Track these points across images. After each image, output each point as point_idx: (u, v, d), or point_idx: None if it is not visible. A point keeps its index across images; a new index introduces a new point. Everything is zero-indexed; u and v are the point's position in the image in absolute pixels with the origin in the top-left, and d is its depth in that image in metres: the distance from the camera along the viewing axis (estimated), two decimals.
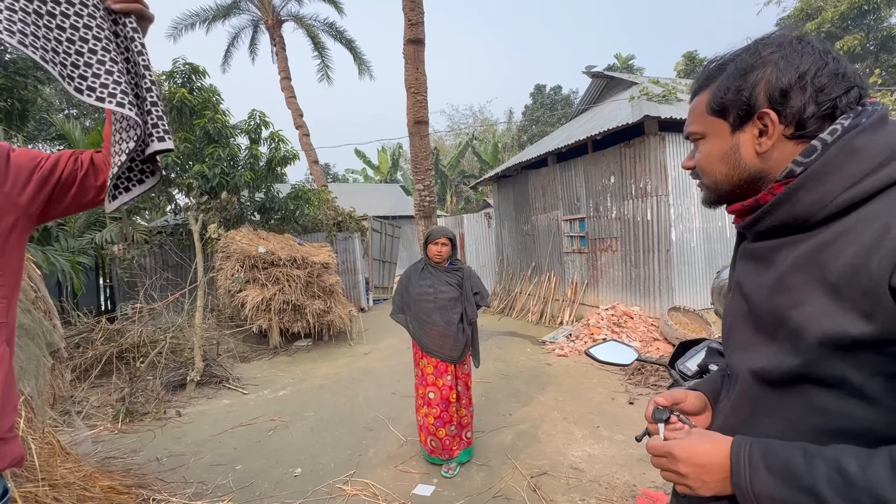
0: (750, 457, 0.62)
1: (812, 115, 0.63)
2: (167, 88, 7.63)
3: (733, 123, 0.69)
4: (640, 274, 6.14)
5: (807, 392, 0.62)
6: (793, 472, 0.57)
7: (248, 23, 15.25)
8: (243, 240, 6.72)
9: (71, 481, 2.03)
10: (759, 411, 0.68)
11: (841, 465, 0.53)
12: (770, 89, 0.64)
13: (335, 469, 2.99)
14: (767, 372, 0.66)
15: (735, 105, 0.68)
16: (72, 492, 1.99)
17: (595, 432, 3.35)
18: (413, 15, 7.40)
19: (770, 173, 0.68)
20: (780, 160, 0.66)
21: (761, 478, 0.60)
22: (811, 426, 0.62)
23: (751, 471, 0.61)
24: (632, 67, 26.23)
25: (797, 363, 0.62)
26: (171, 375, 4.81)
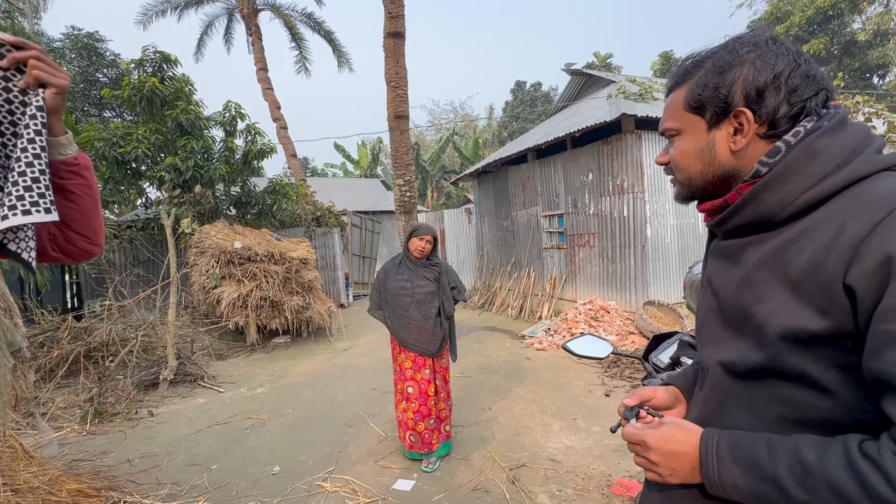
0: (718, 448, 0.64)
1: (784, 115, 0.64)
2: (136, 77, 7.33)
3: (710, 120, 0.70)
4: (616, 269, 6.27)
5: (771, 384, 0.65)
6: (757, 463, 0.60)
7: (222, 11, 14.80)
8: (218, 235, 6.55)
9: (35, 486, 1.95)
10: (728, 402, 0.71)
11: (800, 455, 0.56)
12: (747, 88, 0.65)
13: (314, 466, 2.96)
14: (735, 365, 0.69)
15: (712, 102, 0.69)
16: (36, 496, 1.92)
17: (572, 424, 3.41)
18: (393, 7, 7.32)
19: (742, 171, 0.70)
20: (753, 158, 0.68)
21: (728, 469, 0.62)
22: (776, 416, 0.64)
23: (718, 462, 0.63)
24: (610, 66, 26.61)
25: (762, 357, 0.64)
26: (142, 374, 4.66)
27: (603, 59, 26.94)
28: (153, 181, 7.65)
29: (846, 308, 0.55)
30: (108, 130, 7.48)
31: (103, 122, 11.74)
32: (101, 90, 9.88)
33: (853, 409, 0.58)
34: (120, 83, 8.25)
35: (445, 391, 3.02)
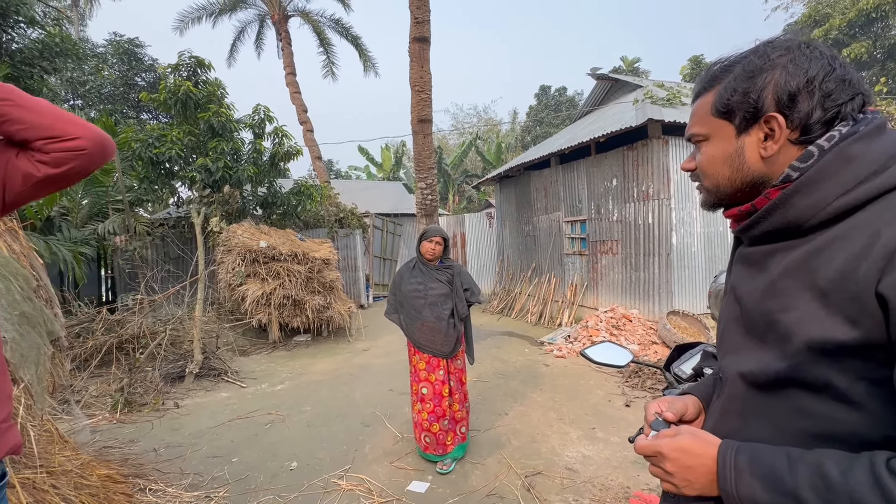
0: (736, 461, 0.62)
1: (818, 120, 0.63)
2: (172, 81, 7.64)
3: (739, 126, 0.69)
4: (640, 277, 6.14)
5: (793, 396, 0.63)
6: (777, 477, 0.58)
7: (254, 17, 15.27)
8: (245, 234, 6.74)
9: (69, 469, 2.05)
10: (747, 414, 0.69)
11: (823, 471, 0.54)
12: (778, 92, 0.64)
13: (331, 464, 3.00)
14: (755, 375, 0.67)
15: (742, 107, 0.67)
16: (69, 479, 2.01)
17: (590, 433, 3.36)
18: (419, 13, 7.40)
19: (772, 177, 0.68)
20: (784, 164, 0.66)
21: (746, 482, 0.60)
22: (797, 429, 0.62)
23: (736, 475, 0.62)
24: (637, 70, 26.18)
25: (784, 367, 0.62)
26: (170, 367, 4.83)
27: (630, 63, 26.54)
28: (185, 181, 7.94)
29: (878, 318, 0.53)
30: (144, 132, 7.82)
31: (140, 124, 12.25)
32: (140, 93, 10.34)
33: (881, 424, 0.55)
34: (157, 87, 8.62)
35: (461, 393, 3.02)
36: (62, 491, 1.91)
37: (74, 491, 1.99)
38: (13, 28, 6.71)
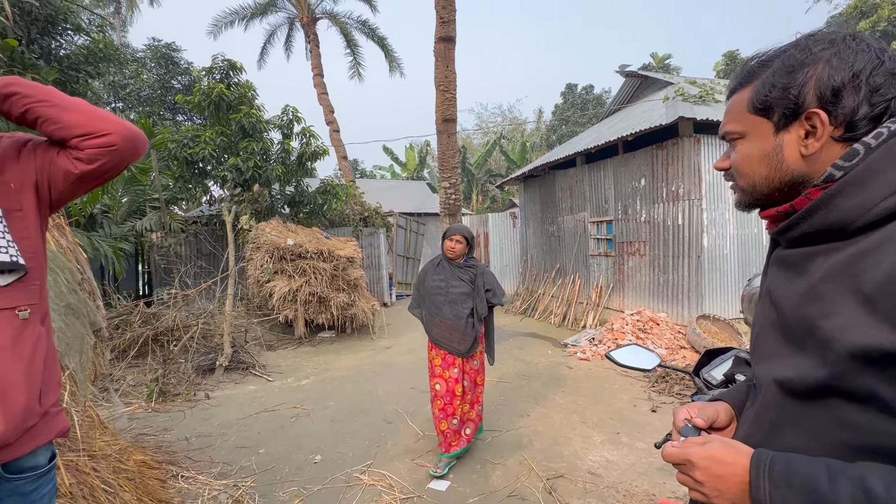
0: (770, 471, 0.60)
1: (864, 116, 0.60)
2: (206, 83, 7.91)
3: (777, 123, 0.66)
4: (668, 279, 5.98)
5: (834, 405, 0.60)
6: (815, 490, 0.55)
7: (284, 20, 15.63)
8: (273, 232, 6.92)
9: (108, 453, 2.15)
10: (782, 423, 0.67)
11: (866, 485, 0.52)
12: (821, 88, 0.61)
13: (353, 458, 3.05)
14: (793, 383, 0.65)
15: (781, 103, 0.65)
16: (108, 463, 2.12)
17: (615, 438, 3.29)
18: (445, 13, 7.42)
19: (813, 176, 0.65)
20: (826, 163, 0.63)
21: (782, 494, 0.58)
22: (837, 441, 0.60)
23: (771, 486, 0.59)
24: (668, 67, 25.48)
25: (825, 375, 0.60)
26: (201, 359, 5.00)
27: (661, 60, 25.84)
28: (217, 180, 8.21)
29: None
30: (179, 133, 8.13)
31: (176, 126, 12.74)
32: (176, 96, 10.75)
33: None
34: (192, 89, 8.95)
35: (474, 394, 3.04)
36: (102, 474, 2.01)
37: (113, 474, 2.09)
38: (61, 35, 7.09)
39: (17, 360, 0.86)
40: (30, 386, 0.87)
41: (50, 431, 0.95)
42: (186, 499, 2.50)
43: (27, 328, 0.89)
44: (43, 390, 0.92)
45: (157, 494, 2.38)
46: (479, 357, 3.05)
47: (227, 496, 2.57)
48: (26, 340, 0.89)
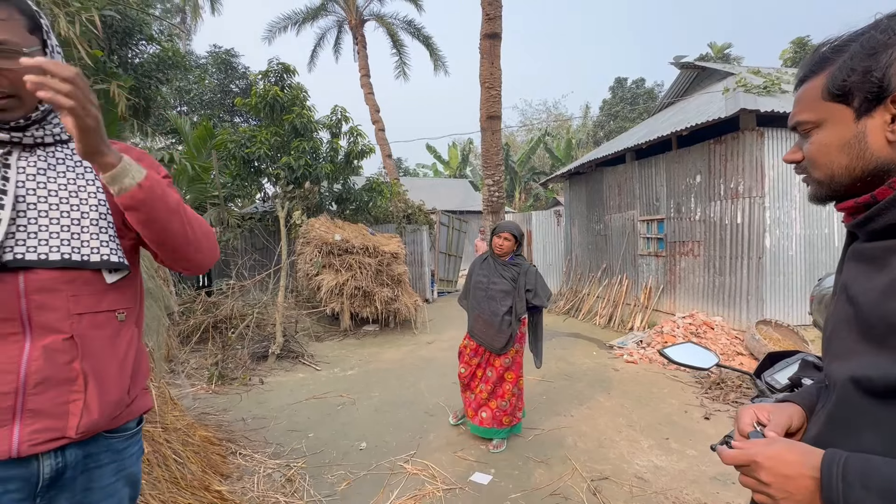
0: (845, 472, 0.57)
1: None
2: (262, 86, 8.34)
3: (859, 109, 0.63)
4: (724, 282, 5.65)
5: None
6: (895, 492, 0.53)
7: (333, 24, 16.16)
8: (321, 227, 7.19)
9: (178, 427, 2.35)
10: (858, 424, 0.63)
11: None
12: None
13: (397, 448, 3.13)
14: (872, 382, 0.61)
15: (862, 88, 0.62)
16: (178, 436, 2.31)
17: (664, 444, 3.17)
18: (491, 9, 7.39)
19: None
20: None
21: (857, 494, 0.55)
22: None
23: (845, 486, 0.57)
24: (728, 57, 23.95)
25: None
26: (255, 347, 5.31)
27: (719, 49, 24.34)
28: (271, 178, 8.64)
29: None
30: (237, 134, 8.62)
31: (233, 127, 13.51)
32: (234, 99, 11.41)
33: None
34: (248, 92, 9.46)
35: (496, 387, 3.07)
36: (173, 446, 2.20)
37: (182, 447, 2.28)
38: (136, 45, 7.71)
39: (112, 359, 0.96)
40: (121, 381, 0.98)
41: (136, 411, 1.06)
42: (244, 474, 2.68)
43: (123, 329, 0.99)
44: (131, 384, 1.02)
45: (219, 468, 2.56)
46: (511, 356, 3.06)
47: (281, 475, 2.72)
48: (122, 341, 0.99)
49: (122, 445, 1.04)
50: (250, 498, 2.45)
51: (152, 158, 1.07)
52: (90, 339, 0.92)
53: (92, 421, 0.91)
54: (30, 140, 0.89)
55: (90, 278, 0.93)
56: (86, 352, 0.91)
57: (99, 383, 0.93)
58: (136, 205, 0.86)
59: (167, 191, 0.91)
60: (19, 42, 0.82)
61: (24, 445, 0.85)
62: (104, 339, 0.95)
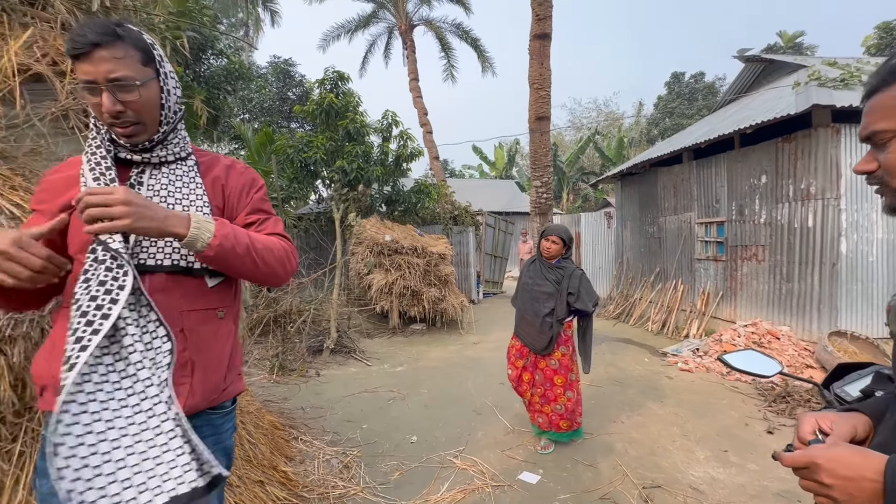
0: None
1: None
2: (318, 94, 8.78)
3: None
4: (792, 289, 5.29)
5: None
6: None
7: (383, 30, 16.64)
8: (372, 228, 7.46)
9: (250, 410, 2.58)
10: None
11: None
12: None
13: (446, 443, 3.23)
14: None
15: None
16: (250, 418, 2.53)
17: (722, 456, 3.05)
18: (541, 10, 7.34)
19: None
20: None
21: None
22: None
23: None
24: (800, 46, 22.15)
25: None
26: (311, 341, 5.62)
27: (790, 38, 22.54)
28: (325, 181, 9.07)
29: None
30: (294, 139, 9.12)
31: (290, 132, 14.27)
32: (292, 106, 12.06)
33: None
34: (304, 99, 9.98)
35: (547, 390, 3.08)
36: (247, 427, 2.42)
37: (254, 428, 2.50)
38: (207, 59, 8.38)
39: (214, 350, 1.11)
40: (219, 369, 1.13)
41: (231, 393, 1.22)
42: (305, 458, 2.88)
43: (222, 325, 1.15)
44: (228, 371, 1.18)
45: (284, 451, 2.78)
46: (558, 358, 3.06)
47: (338, 461, 2.90)
48: (221, 335, 1.14)
49: (220, 421, 1.20)
50: (311, 480, 2.63)
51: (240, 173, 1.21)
52: (196, 333, 1.08)
53: (195, 402, 1.07)
54: (157, 160, 1.06)
55: (195, 281, 1.08)
56: (193, 343, 1.07)
57: (202, 370, 1.08)
58: (208, 261, 1.01)
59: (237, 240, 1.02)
60: (135, 76, 0.97)
61: None
62: (207, 333, 1.10)
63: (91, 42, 0.91)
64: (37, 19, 1.81)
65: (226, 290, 1.16)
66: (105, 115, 0.95)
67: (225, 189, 1.18)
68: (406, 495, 2.57)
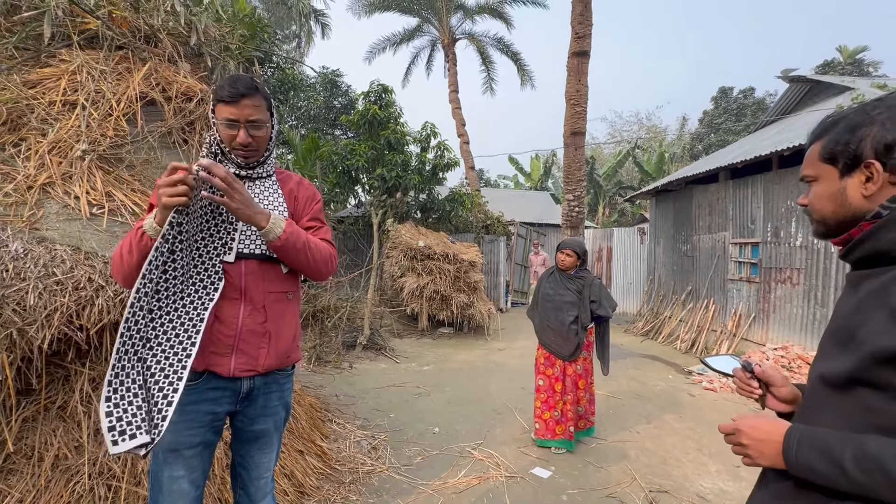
0: (800, 438, 0.81)
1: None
2: (363, 105, 9.30)
3: (842, 170, 0.86)
4: (827, 315, 5.18)
5: (861, 394, 0.78)
6: (829, 450, 0.76)
7: (427, 43, 17.21)
8: (407, 234, 7.83)
9: (294, 389, 2.92)
10: (819, 407, 0.85)
11: (864, 447, 0.71)
12: (876, 144, 0.81)
13: (466, 436, 3.47)
14: (830, 376, 0.83)
15: (843, 155, 0.85)
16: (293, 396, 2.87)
17: (734, 471, 3.12)
18: (581, 28, 7.53)
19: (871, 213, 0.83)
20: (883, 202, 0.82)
21: (805, 453, 0.79)
22: (861, 422, 0.78)
23: (797, 447, 0.80)
24: (861, 63, 21.04)
25: (855, 368, 0.78)
26: (346, 336, 6.00)
27: (851, 54, 21.43)
28: (365, 187, 9.54)
29: None
30: (338, 146, 9.67)
31: (335, 140, 15.00)
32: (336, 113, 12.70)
33: None
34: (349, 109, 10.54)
35: (575, 396, 3.25)
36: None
37: (296, 405, 2.84)
38: (265, 72, 9.09)
39: (283, 324, 1.43)
40: (288, 340, 1.45)
41: (293, 359, 1.53)
42: (338, 438, 3.20)
43: (290, 305, 1.47)
44: (292, 342, 1.50)
45: (321, 429, 3.10)
46: (582, 363, 3.26)
47: (367, 443, 3.20)
48: (289, 313, 1.47)
49: (284, 380, 1.53)
50: (343, 456, 2.94)
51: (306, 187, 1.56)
52: (273, 309, 1.40)
53: (270, 363, 1.40)
54: (255, 175, 1.40)
55: (275, 269, 1.41)
56: (270, 317, 1.40)
57: (276, 339, 1.41)
58: (276, 250, 1.31)
59: (297, 238, 1.32)
60: (264, 120, 1.33)
61: (235, 371, 1.34)
62: (280, 310, 1.43)
63: (241, 94, 1.26)
64: (150, 54, 2.23)
65: (293, 277, 1.49)
66: (237, 143, 1.30)
67: (297, 199, 1.52)
68: (427, 477, 2.83)
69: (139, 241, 1.19)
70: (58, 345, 1.69)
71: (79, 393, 1.79)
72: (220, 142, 1.33)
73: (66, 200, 1.79)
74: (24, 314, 1.53)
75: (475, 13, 15.68)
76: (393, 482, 2.76)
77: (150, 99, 2.06)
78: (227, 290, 1.31)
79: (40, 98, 1.93)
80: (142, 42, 2.24)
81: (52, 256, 1.66)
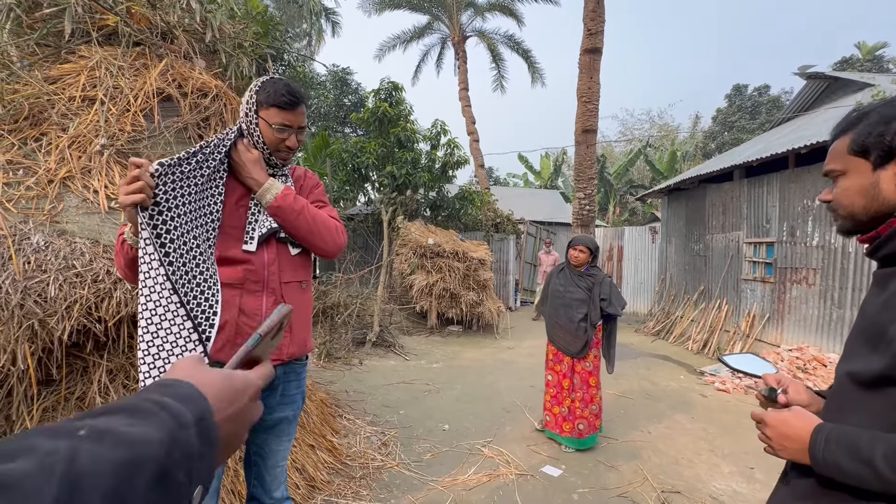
0: (827, 436, 0.79)
1: None
2: (373, 103, 9.31)
3: (875, 162, 0.84)
4: (844, 316, 5.09)
5: (890, 393, 0.76)
6: (858, 448, 0.74)
7: (437, 41, 17.17)
8: (417, 231, 7.84)
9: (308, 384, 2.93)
10: (847, 407, 0.83)
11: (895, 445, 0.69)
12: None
13: (475, 434, 3.47)
14: (860, 374, 0.81)
15: (877, 147, 0.83)
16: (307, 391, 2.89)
17: (747, 473, 3.08)
18: (593, 25, 7.47)
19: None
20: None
21: (832, 450, 0.77)
22: (891, 421, 0.76)
23: (825, 445, 0.79)
24: (881, 60, 20.56)
25: (886, 367, 0.76)
26: (356, 333, 6.03)
27: (870, 50, 20.93)
28: (374, 184, 9.57)
29: None
30: (348, 144, 9.71)
31: (344, 137, 15.05)
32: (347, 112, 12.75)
33: None
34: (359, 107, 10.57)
35: (585, 393, 3.23)
36: None
37: (308, 400, 2.85)
38: (277, 69, 9.15)
39: (300, 314, 1.46)
40: (305, 329, 1.49)
41: (309, 349, 1.55)
42: (349, 433, 3.22)
43: (304, 295, 1.49)
44: (308, 332, 1.51)
45: (331, 424, 3.12)
46: (591, 360, 3.23)
47: (377, 439, 3.22)
48: (304, 303, 1.49)
49: (300, 369, 1.55)
50: (354, 451, 2.96)
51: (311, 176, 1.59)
52: (291, 299, 1.42)
53: (293, 352, 1.43)
54: (279, 172, 1.42)
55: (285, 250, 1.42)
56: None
57: (296, 329, 1.43)
58: (274, 212, 1.34)
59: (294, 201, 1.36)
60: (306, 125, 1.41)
61: None
62: (297, 300, 1.44)
63: (298, 101, 1.33)
64: (167, 50, 2.26)
65: (306, 266, 1.50)
66: (286, 146, 1.36)
67: (303, 187, 1.57)
68: (436, 474, 2.83)
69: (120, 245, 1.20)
70: (77, 336, 1.72)
71: (97, 384, 1.82)
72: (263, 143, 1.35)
73: (86, 194, 1.82)
74: (45, 305, 1.56)
75: (486, 10, 15.61)
76: (403, 478, 2.77)
77: (166, 95, 2.08)
78: (249, 282, 1.33)
79: (60, 93, 1.96)
80: (158, 39, 2.27)
81: (71, 249, 1.69)
